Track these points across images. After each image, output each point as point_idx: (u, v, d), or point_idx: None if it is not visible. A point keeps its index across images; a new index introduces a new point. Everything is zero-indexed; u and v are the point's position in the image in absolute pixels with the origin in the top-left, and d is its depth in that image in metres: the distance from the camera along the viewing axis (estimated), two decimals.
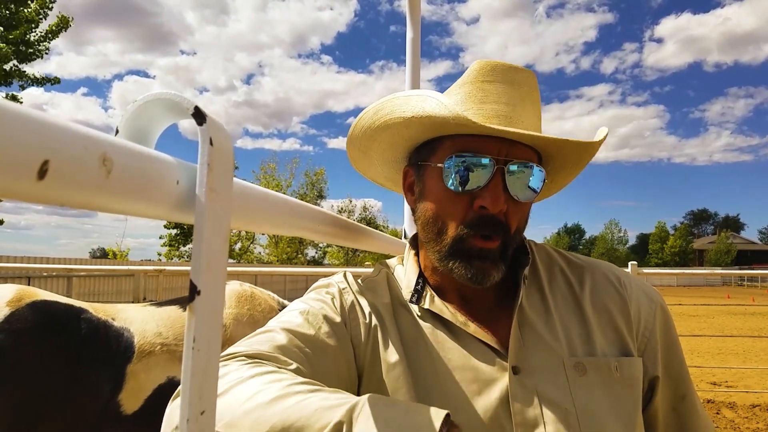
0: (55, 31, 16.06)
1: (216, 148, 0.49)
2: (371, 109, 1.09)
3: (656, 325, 1.10)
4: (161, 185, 0.46)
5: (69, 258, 16.83)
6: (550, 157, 1.10)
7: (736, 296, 33.08)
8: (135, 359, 2.61)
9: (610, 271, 1.16)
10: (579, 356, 1.01)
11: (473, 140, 1.01)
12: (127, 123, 0.51)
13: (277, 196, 0.76)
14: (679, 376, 1.11)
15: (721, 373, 9.05)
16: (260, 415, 0.74)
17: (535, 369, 0.99)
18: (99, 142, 0.39)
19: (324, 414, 0.72)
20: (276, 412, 0.74)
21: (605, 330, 1.06)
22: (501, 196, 0.98)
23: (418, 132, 1.07)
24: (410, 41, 2.11)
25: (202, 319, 0.47)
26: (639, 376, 1.03)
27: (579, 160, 1.10)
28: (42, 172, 0.34)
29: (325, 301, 1.10)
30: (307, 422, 0.71)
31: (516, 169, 1.00)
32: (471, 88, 1.08)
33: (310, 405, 0.74)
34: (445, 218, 1.04)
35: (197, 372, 0.46)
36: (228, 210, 0.52)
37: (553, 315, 1.06)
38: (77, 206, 0.39)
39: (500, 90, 1.06)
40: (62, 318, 2.52)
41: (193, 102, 0.49)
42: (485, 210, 0.99)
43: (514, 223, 1.03)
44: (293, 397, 0.76)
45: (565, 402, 0.96)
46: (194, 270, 0.47)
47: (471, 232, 1.00)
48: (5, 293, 2.46)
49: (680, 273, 5.67)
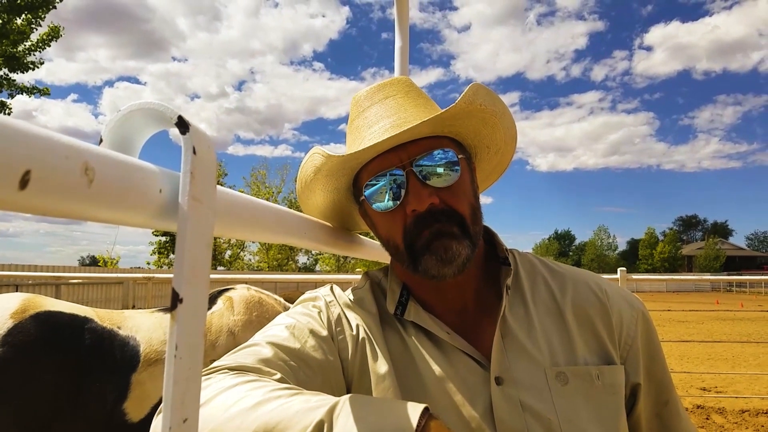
0: (46, 41, 15.95)
1: (199, 157, 0.50)
2: (300, 170, 1.18)
3: (638, 333, 1.11)
4: (144, 193, 0.46)
5: (58, 266, 16.71)
6: (475, 135, 1.14)
7: (725, 302, 33.33)
8: (140, 368, 2.57)
9: (591, 280, 1.17)
10: (561, 365, 1.02)
11: (374, 163, 1.08)
12: (111, 132, 0.51)
13: (263, 203, 0.76)
14: (662, 382, 1.12)
15: (710, 378, 9.08)
16: (243, 421, 0.75)
17: (518, 379, 0.99)
18: (81, 152, 0.39)
19: (305, 415, 0.73)
20: (258, 416, 0.75)
21: (587, 338, 1.07)
22: (422, 193, 1.01)
23: (334, 180, 1.15)
24: (399, 49, 2.12)
25: (185, 326, 0.47)
26: (621, 383, 1.04)
27: (492, 125, 1.11)
28: (24, 182, 0.34)
29: (311, 315, 1.11)
30: (289, 424, 0.72)
31: (424, 163, 1.04)
32: (357, 122, 1.17)
33: (291, 407, 0.75)
34: (392, 236, 1.08)
35: (179, 380, 0.47)
36: (211, 218, 0.52)
37: (535, 325, 1.06)
38: (59, 215, 0.39)
39: (378, 110, 1.14)
40: (66, 330, 2.48)
41: (177, 111, 0.49)
42: (417, 211, 1.02)
43: (458, 203, 1.05)
44: (275, 401, 0.77)
45: (549, 412, 0.96)
46: (176, 278, 0.47)
47: (415, 233, 1.03)
48: (10, 304, 2.42)
49: (670, 279, 5.71)
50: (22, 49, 15.47)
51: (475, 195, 1.12)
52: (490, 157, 1.22)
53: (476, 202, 1.11)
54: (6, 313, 2.36)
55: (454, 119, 1.05)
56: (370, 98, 1.18)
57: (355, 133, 1.16)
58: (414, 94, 1.18)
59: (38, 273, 5.84)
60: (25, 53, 15.56)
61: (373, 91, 1.18)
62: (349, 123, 1.21)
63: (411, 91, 1.18)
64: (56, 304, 2.60)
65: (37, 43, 15.72)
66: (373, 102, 1.16)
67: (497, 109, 1.07)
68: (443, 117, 1.01)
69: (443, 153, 1.05)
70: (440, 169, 1.04)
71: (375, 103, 1.16)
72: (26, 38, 15.45)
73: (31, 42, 15.62)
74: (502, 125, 1.12)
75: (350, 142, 1.18)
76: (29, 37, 15.50)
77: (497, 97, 1.06)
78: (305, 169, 1.15)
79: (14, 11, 14.89)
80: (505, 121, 1.12)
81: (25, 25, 15.14)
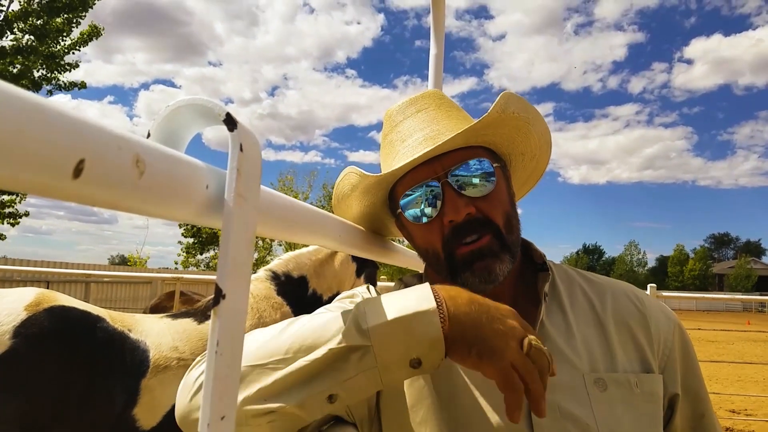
0: (86, 40, 16.20)
1: (246, 155, 0.49)
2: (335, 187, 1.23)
3: (675, 344, 1.10)
4: (191, 189, 0.46)
5: (88, 264, 16.98)
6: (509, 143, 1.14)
7: (756, 323, 32.51)
8: (150, 374, 2.54)
9: (630, 290, 1.18)
10: (600, 372, 1.01)
11: (409, 176, 1.09)
12: (159, 126, 0.52)
13: (303, 205, 0.76)
14: (698, 394, 1.11)
15: (740, 400, 8.86)
16: (276, 342, 0.85)
17: (557, 385, 0.98)
18: (132, 144, 0.39)
19: (336, 320, 0.84)
20: (290, 334, 0.85)
21: (626, 347, 1.07)
22: (459, 203, 1.02)
23: (371, 196, 1.18)
24: (433, 57, 2.12)
25: (227, 323, 0.47)
26: (660, 392, 1.03)
27: (525, 132, 1.12)
28: (78, 170, 0.34)
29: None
30: (323, 330, 0.83)
31: (460, 174, 1.05)
32: (391, 136, 1.19)
33: (319, 320, 0.86)
34: (431, 246, 1.10)
35: (219, 376, 0.46)
36: (254, 216, 0.52)
37: (573, 331, 1.06)
38: (110, 206, 0.39)
39: (411, 124, 1.16)
40: (78, 325, 2.49)
41: (225, 108, 0.49)
42: (454, 221, 1.03)
43: (494, 213, 1.05)
44: (300, 321, 0.88)
45: (587, 418, 0.96)
46: (220, 274, 0.47)
47: (453, 245, 1.05)
48: (25, 297, 2.45)
49: (700, 297, 5.60)
50: (61, 49, 15.75)
51: (512, 203, 1.12)
52: (525, 163, 1.22)
53: (513, 210, 1.11)
54: (20, 305, 2.39)
55: (487, 128, 1.06)
56: (402, 112, 1.20)
57: (389, 147, 1.18)
58: (446, 106, 1.20)
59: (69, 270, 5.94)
60: (64, 52, 15.83)
61: (406, 105, 1.20)
62: (383, 137, 1.23)
63: (443, 104, 1.20)
64: (71, 300, 2.62)
65: (77, 41, 15.97)
66: (405, 116, 1.18)
67: (529, 116, 1.08)
68: (476, 128, 1.02)
69: (478, 163, 1.06)
70: (476, 179, 1.05)
71: (408, 117, 1.18)
72: (66, 37, 15.72)
73: (71, 40, 15.89)
74: (536, 131, 1.12)
75: (384, 156, 1.20)
76: (69, 35, 15.76)
77: (529, 104, 1.06)
78: (341, 186, 1.19)
79: (53, 12, 15.19)
80: (538, 127, 1.12)
81: (64, 24, 15.41)
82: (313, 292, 3.28)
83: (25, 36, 15.09)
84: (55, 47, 15.65)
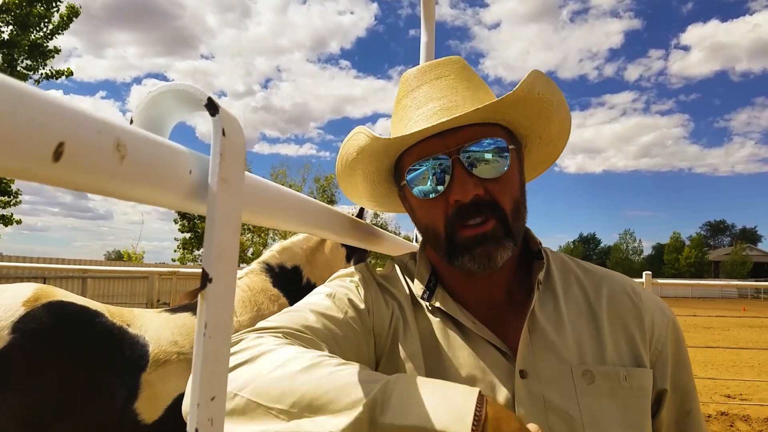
0: (66, 22, 15.93)
1: (228, 139, 0.50)
2: (341, 148, 1.15)
3: (668, 339, 1.08)
4: (174, 174, 0.47)
5: (84, 259, 16.97)
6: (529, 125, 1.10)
7: (752, 309, 32.63)
8: (150, 368, 2.54)
9: (626, 283, 1.15)
10: (588, 364, 1.00)
11: (419, 147, 1.04)
12: (142, 112, 0.52)
13: (289, 191, 0.76)
14: (686, 391, 1.10)
15: (735, 385, 8.92)
16: (290, 383, 0.74)
17: (543, 374, 0.98)
18: (113, 128, 0.39)
19: (355, 389, 0.72)
20: (306, 381, 0.74)
21: (618, 340, 1.05)
22: (468, 183, 0.98)
23: (377, 161, 1.13)
24: (424, 45, 2.11)
25: (214, 306, 0.47)
26: (649, 387, 1.02)
27: (548, 115, 1.07)
28: (57, 153, 0.34)
29: (349, 288, 1.11)
30: (338, 395, 0.72)
31: (473, 151, 1.00)
32: (405, 101, 1.13)
33: (341, 378, 0.74)
34: (432, 223, 1.06)
35: (208, 358, 0.47)
36: (239, 201, 0.52)
37: (565, 321, 1.05)
38: (91, 190, 0.39)
39: (428, 91, 1.10)
40: (76, 320, 2.49)
41: (206, 93, 0.49)
42: (460, 202, 0.99)
43: (503, 197, 1.01)
44: (324, 368, 0.76)
45: (572, 409, 0.95)
46: (206, 258, 0.47)
47: (457, 225, 1.01)
48: (23, 292, 2.44)
49: (695, 284, 5.63)
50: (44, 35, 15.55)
51: (522, 188, 1.09)
52: (540, 147, 1.18)
53: (521, 197, 1.08)
54: (18, 300, 2.38)
55: (509, 107, 1.01)
56: (420, 77, 1.13)
57: (401, 112, 1.13)
58: (466, 74, 1.14)
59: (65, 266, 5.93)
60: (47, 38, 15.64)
61: (425, 70, 1.14)
62: (397, 101, 1.17)
63: (463, 72, 1.14)
64: (69, 295, 2.62)
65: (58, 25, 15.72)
66: (423, 81, 1.12)
67: (555, 98, 1.03)
68: (497, 105, 0.97)
69: (493, 142, 1.01)
70: (488, 160, 1.00)
71: (425, 83, 1.11)
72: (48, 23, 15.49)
73: (53, 24, 15.67)
74: (558, 116, 1.08)
75: (396, 122, 1.15)
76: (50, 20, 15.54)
77: (556, 87, 1.02)
78: (348, 147, 1.13)
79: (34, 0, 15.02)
80: (562, 112, 1.08)
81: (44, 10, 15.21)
82: (308, 281, 3.29)
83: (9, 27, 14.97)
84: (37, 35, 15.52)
